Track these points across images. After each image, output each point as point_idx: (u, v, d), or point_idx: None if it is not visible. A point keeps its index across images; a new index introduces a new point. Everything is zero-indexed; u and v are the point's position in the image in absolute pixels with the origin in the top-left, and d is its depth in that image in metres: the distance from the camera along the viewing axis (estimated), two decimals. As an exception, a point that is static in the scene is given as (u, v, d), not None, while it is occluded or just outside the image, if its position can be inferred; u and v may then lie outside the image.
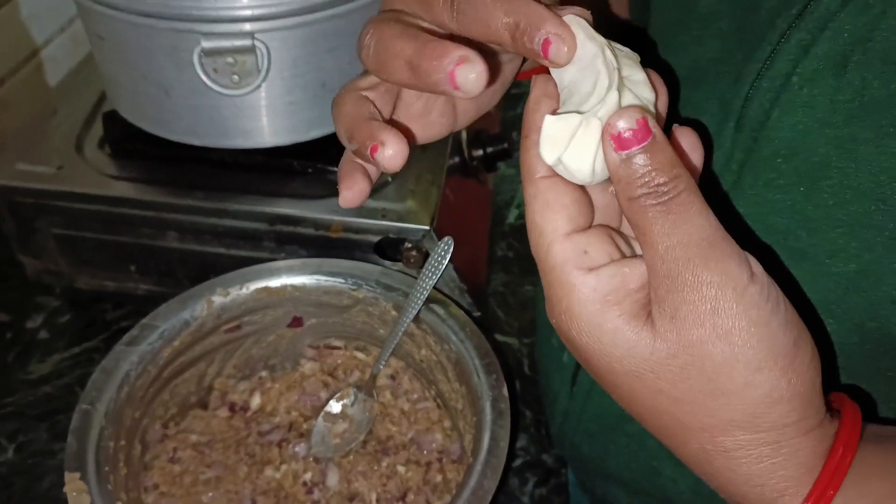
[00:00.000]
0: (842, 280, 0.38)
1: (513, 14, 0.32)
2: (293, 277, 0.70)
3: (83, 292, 0.83)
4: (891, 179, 0.35)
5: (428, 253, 0.72)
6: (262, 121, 0.75)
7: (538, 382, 0.75)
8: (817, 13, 0.36)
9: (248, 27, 0.68)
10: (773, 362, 0.32)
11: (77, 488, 0.55)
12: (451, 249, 0.65)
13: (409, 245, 0.73)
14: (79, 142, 0.81)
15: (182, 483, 0.65)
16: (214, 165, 0.79)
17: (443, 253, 0.65)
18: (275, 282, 0.70)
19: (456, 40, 0.34)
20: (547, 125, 0.33)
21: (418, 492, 0.65)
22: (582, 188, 0.34)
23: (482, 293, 0.85)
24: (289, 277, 0.70)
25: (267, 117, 0.75)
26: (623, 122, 0.31)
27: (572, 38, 0.32)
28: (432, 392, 0.71)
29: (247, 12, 0.67)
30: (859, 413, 0.36)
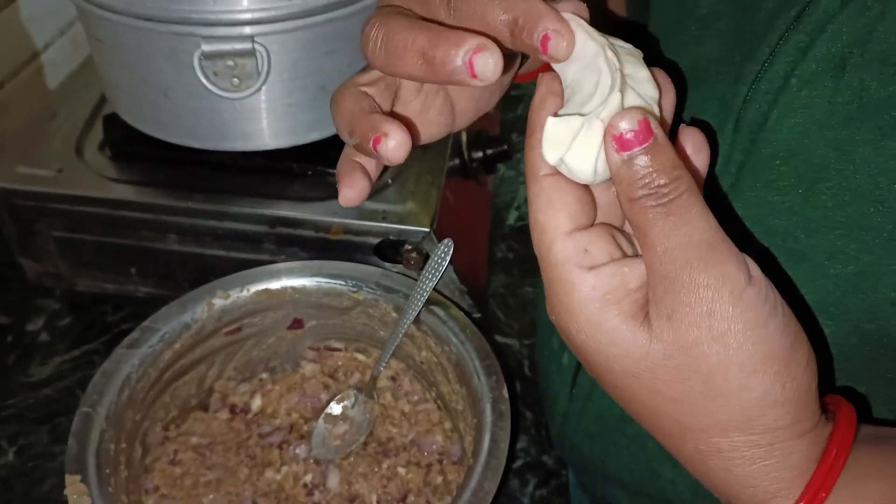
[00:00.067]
0: (840, 282, 0.38)
1: (511, 10, 0.32)
2: (293, 279, 0.70)
3: (83, 295, 0.83)
4: (889, 181, 0.35)
5: (428, 255, 0.72)
6: (262, 123, 0.75)
7: (538, 384, 0.75)
8: (816, 15, 0.36)
9: (248, 30, 0.68)
10: (769, 366, 0.32)
11: (78, 491, 0.55)
12: (452, 251, 0.65)
13: (410, 247, 0.73)
14: (79, 144, 0.82)
15: (183, 485, 0.65)
16: (214, 168, 0.79)
17: (443, 255, 0.65)
18: (275, 284, 0.70)
19: None
20: (549, 127, 0.33)
21: (419, 493, 0.65)
22: (585, 186, 0.34)
23: (482, 295, 0.85)
24: (289, 279, 0.70)
25: (267, 120, 0.75)
26: (625, 124, 0.31)
27: (571, 34, 0.32)
28: (433, 394, 0.71)
29: (246, 16, 0.67)
30: (854, 415, 0.36)
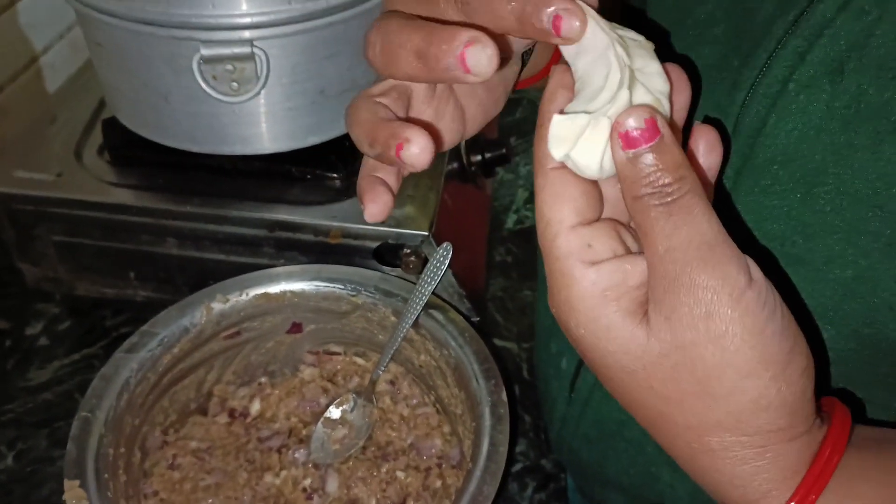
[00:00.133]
0: (839, 286, 0.39)
1: None
2: (292, 283, 0.70)
3: (83, 299, 0.84)
4: (887, 186, 0.35)
5: (427, 258, 0.72)
6: (261, 127, 0.75)
7: (537, 387, 0.75)
8: (813, 19, 0.36)
9: (248, 34, 0.68)
10: (764, 369, 0.32)
11: (76, 496, 0.55)
12: (450, 255, 0.65)
13: (408, 251, 0.73)
14: (78, 149, 0.82)
15: (182, 490, 0.65)
16: (213, 172, 0.79)
17: (441, 258, 0.65)
18: (274, 288, 0.70)
19: None
20: (554, 124, 0.32)
21: (418, 497, 0.65)
22: (593, 181, 0.34)
23: (481, 298, 0.85)
24: (288, 283, 0.70)
25: (266, 124, 0.75)
26: (632, 121, 0.31)
27: (582, 13, 0.31)
28: (431, 397, 0.71)
29: (246, 20, 0.68)
30: (849, 417, 0.36)
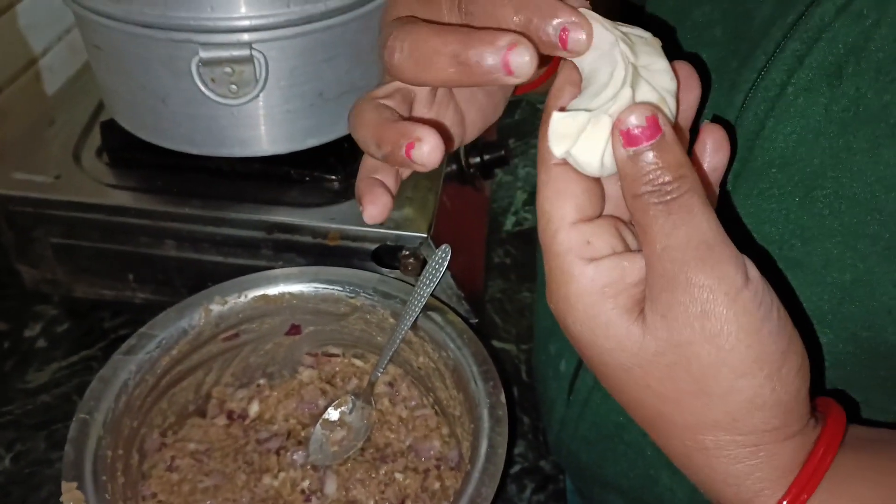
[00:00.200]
0: (837, 290, 0.39)
1: (523, 9, 0.31)
2: (291, 285, 0.70)
3: (81, 301, 0.83)
4: (885, 189, 0.35)
5: (425, 260, 0.72)
6: (260, 129, 0.75)
7: (535, 389, 0.75)
8: (812, 23, 0.37)
9: (246, 37, 0.68)
10: (759, 369, 0.32)
11: (74, 498, 0.54)
12: (449, 256, 0.65)
13: (407, 253, 0.73)
14: (76, 151, 0.81)
15: (180, 492, 0.65)
16: (212, 174, 0.79)
17: (440, 260, 0.65)
18: (272, 290, 0.70)
19: None
20: (554, 122, 0.32)
21: (416, 499, 0.65)
22: (594, 178, 0.34)
23: (479, 300, 0.85)
24: (286, 285, 0.70)
25: (264, 126, 0.75)
26: (633, 119, 0.31)
27: (589, 25, 0.31)
28: (430, 399, 0.71)
29: (245, 22, 0.68)
30: (843, 417, 0.36)
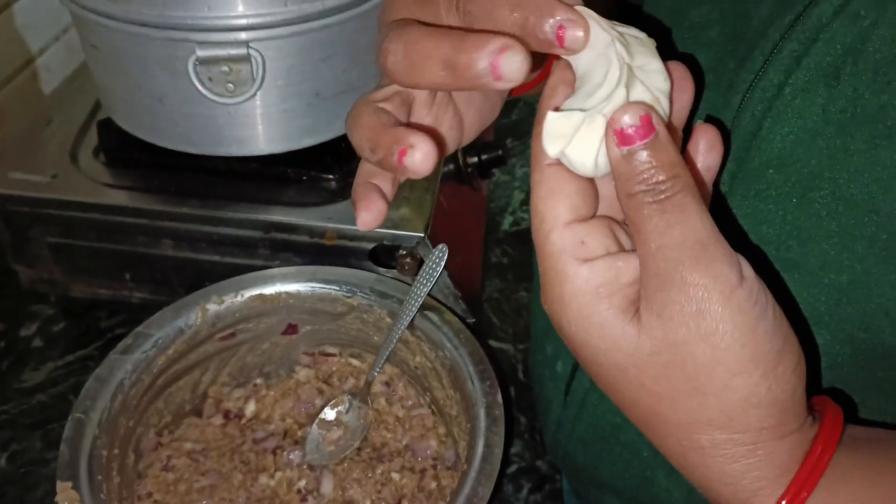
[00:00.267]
0: (834, 291, 0.39)
1: (520, 7, 0.31)
2: (288, 285, 0.70)
3: (78, 300, 0.83)
4: (883, 190, 0.35)
5: (422, 260, 0.72)
6: (257, 129, 0.75)
7: (532, 389, 0.75)
8: (809, 23, 0.37)
9: (244, 36, 0.68)
10: (754, 367, 0.32)
11: (69, 498, 0.54)
12: (446, 256, 0.65)
13: (404, 252, 0.73)
14: (73, 150, 0.81)
15: (176, 491, 0.65)
16: (209, 173, 0.78)
17: (437, 260, 0.65)
18: (269, 289, 0.70)
19: None
20: (548, 121, 0.32)
21: (413, 499, 0.65)
22: (588, 179, 0.34)
23: (476, 300, 0.85)
24: (283, 285, 0.70)
25: (262, 125, 0.75)
26: (627, 118, 0.31)
27: (585, 23, 0.31)
28: (427, 399, 0.71)
29: (242, 21, 0.67)
30: (840, 416, 0.36)
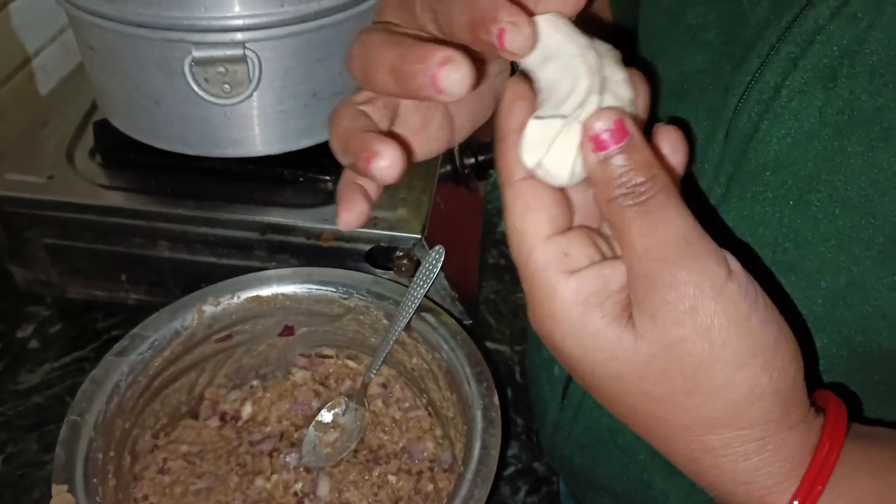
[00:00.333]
0: (831, 294, 0.38)
1: (469, 10, 0.31)
2: (284, 286, 0.70)
3: (74, 302, 0.83)
4: (880, 193, 0.35)
5: (419, 261, 0.72)
6: (254, 130, 0.75)
7: (529, 391, 0.75)
8: (806, 25, 0.36)
9: (240, 37, 0.68)
10: (753, 359, 0.32)
11: (65, 501, 0.54)
12: (443, 257, 0.65)
13: (401, 253, 0.73)
14: (69, 151, 0.81)
15: (172, 494, 0.65)
16: (205, 174, 0.78)
17: (434, 261, 0.65)
18: (266, 291, 0.70)
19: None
20: (529, 129, 0.32)
21: (409, 501, 0.65)
22: (560, 189, 0.34)
23: (473, 301, 0.85)
24: (280, 286, 0.70)
25: (258, 126, 0.75)
26: (601, 124, 0.31)
27: (528, 27, 0.31)
28: (423, 400, 0.71)
29: (238, 22, 0.67)
30: (844, 409, 0.36)
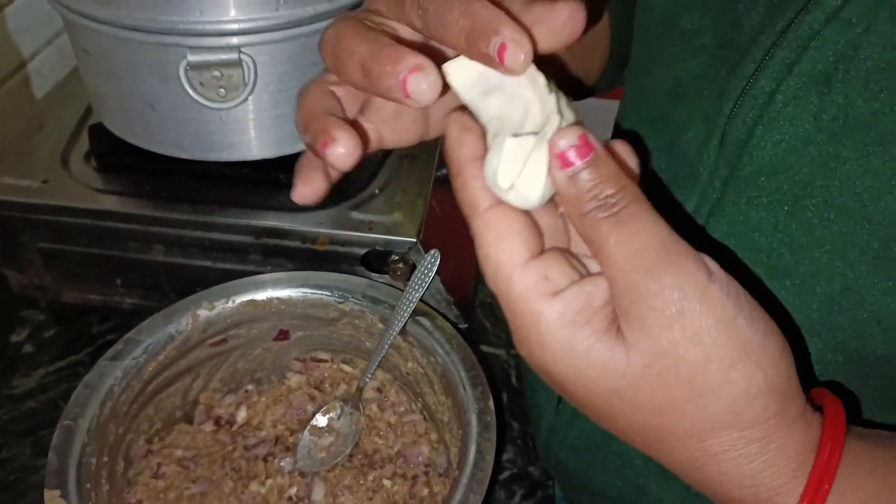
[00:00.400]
0: (826, 299, 0.38)
1: (469, 16, 0.31)
2: (279, 290, 0.70)
3: (69, 306, 0.83)
4: (875, 198, 0.35)
5: (415, 265, 0.72)
6: (249, 134, 0.75)
7: (524, 395, 0.75)
8: (801, 30, 0.36)
9: (235, 41, 0.68)
10: (745, 357, 0.32)
11: (59, 506, 0.54)
12: (438, 261, 0.65)
13: (396, 257, 0.73)
14: (64, 155, 0.81)
15: (166, 499, 0.64)
16: (201, 178, 0.78)
17: (429, 265, 0.65)
18: (261, 295, 0.70)
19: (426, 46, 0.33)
20: (507, 148, 0.32)
21: (405, 506, 0.65)
22: (528, 212, 0.33)
23: (469, 305, 0.85)
24: (275, 290, 0.70)
25: (253, 130, 0.75)
26: (565, 141, 0.31)
27: (530, 45, 0.30)
28: (419, 405, 0.71)
29: (233, 26, 0.67)
30: (841, 406, 0.36)
